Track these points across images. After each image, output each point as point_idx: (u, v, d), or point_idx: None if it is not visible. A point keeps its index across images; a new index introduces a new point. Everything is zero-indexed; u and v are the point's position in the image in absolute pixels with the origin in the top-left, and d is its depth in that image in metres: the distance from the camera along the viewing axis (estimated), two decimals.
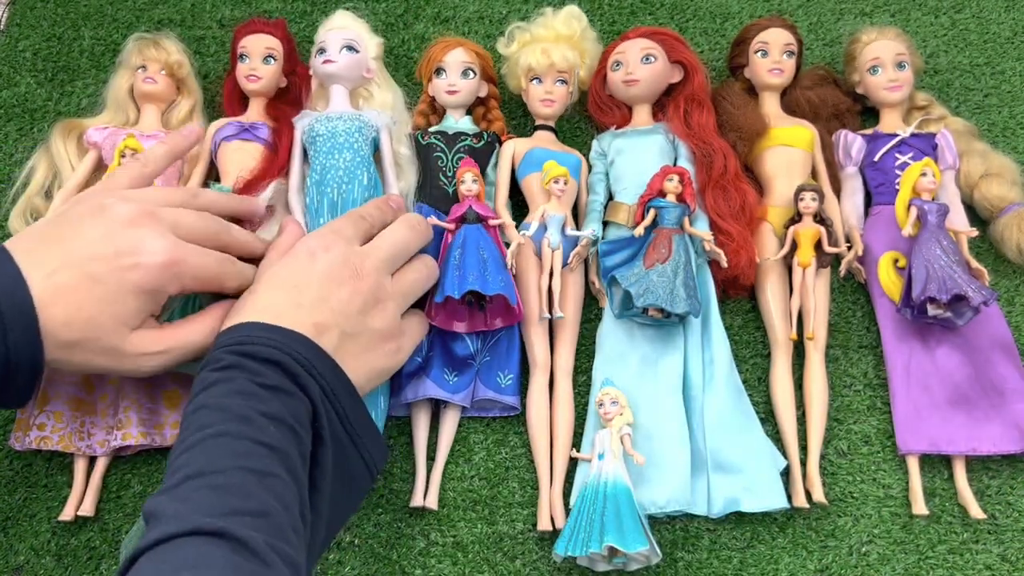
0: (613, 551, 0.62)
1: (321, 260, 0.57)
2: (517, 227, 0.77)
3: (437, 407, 0.74)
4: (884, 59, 0.83)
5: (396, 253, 0.62)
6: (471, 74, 0.82)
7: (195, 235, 0.61)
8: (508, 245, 0.74)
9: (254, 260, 0.67)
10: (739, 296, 0.79)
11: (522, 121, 0.89)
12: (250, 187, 0.76)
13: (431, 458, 0.72)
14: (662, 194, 0.73)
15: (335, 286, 0.56)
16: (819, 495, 0.69)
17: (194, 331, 0.62)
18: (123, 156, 0.74)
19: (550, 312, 0.73)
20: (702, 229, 0.75)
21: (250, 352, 0.50)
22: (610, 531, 0.61)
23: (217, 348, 0.52)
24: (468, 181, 0.74)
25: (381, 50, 0.83)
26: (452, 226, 0.73)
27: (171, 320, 0.67)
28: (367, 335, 0.57)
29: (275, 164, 0.78)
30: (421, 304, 0.70)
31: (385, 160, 0.77)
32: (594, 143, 0.83)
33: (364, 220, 0.63)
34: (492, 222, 0.74)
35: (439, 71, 0.82)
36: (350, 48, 0.79)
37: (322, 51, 0.79)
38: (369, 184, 0.74)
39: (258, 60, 0.82)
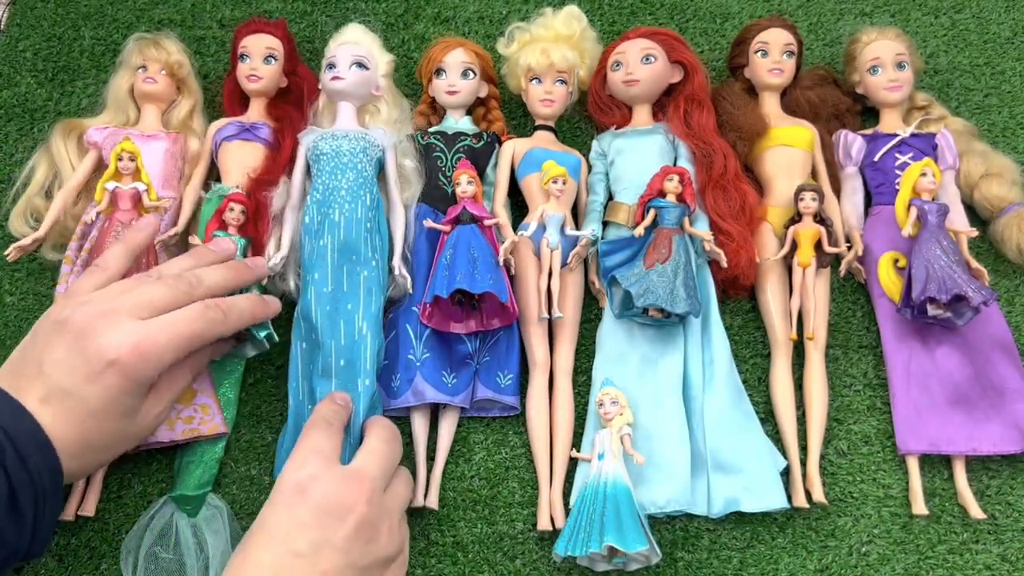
0: (613, 551, 0.62)
1: (314, 494, 0.51)
2: (516, 227, 0.77)
3: (436, 406, 0.74)
4: (884, 59, 0.83)
5: (387, 470, 0.58)
6: (471, 74, 0.82)
7: (163, 305, 0.59)
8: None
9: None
10: (739, 296, 0.79)
11: (522, 121, 0.89)
12: (255, 186, 0.76)
13: (431, 458, 0.72)
14: (662, 194, 0.73)
15: (336, 522, 0.50)
16: (819, 495, 0.69)
17: (181, 374, 0.64)
18: (119, 159, 0.74)
19: (549, 312, 0.73)
20: (702, 229, 0.75)
21: None
22: (610, 531, 0.61)
23: None
24: (463, 183, 0.75)
25: (391, 67, 0.82)
26: (448, 228, 0.74)
27: None
28: (378, 564, 0.52)
29: (278, 163, 0.78)
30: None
31: (390, 179, 0.77)
32: (594, 143, 0.83)
33: (333, 426, 0.58)
34: (487, 222, 0.74)
35: (439, 71, 0.82)
36: (360, 65, 0.78)
37: (331, 66, 0.78)
38: (372, 205, 0.74)
39: (259, 60, 0.82)
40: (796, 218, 0.77)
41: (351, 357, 0.69)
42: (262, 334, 0.69)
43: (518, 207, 0.81)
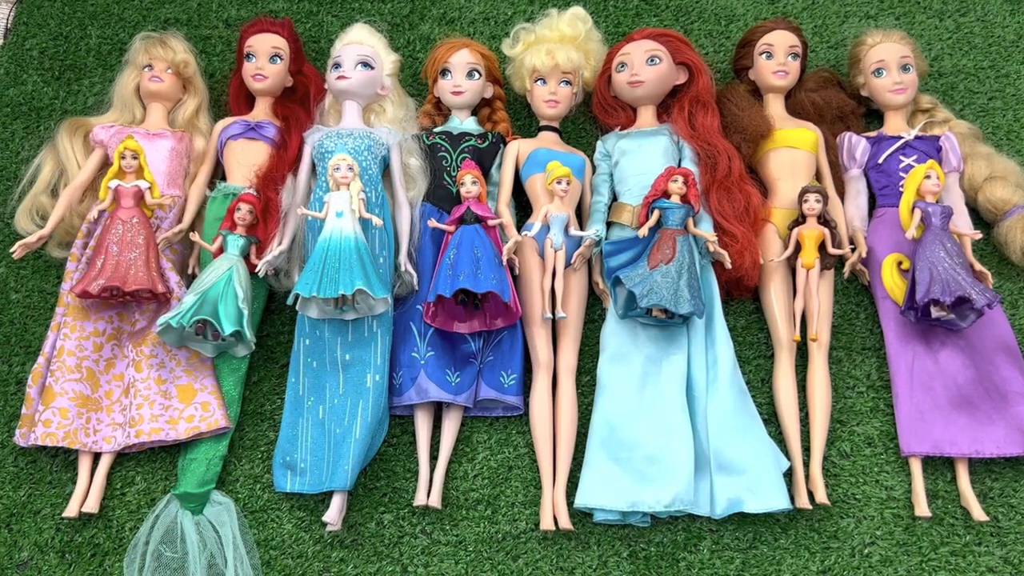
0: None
1: None
2: (520, 228, 0.77)
3: (439, 406, 0.74)
4: (889, 62, 0.83)
5: None
6: (476, 75, 0.82)
7: None
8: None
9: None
10: (743, 297, 0.79)
11: (527, 122, 0.89)
12: (263, 184, 0.77)
13: (434, 457, 0.72)
14: (666, 195, 0.74)
15: None
16: (822, 496, 0.69)
17: None
18: (122, 158, 0.74)
19: (552, 312, 0.73)
20: (706, 230, 0.75)
21: None
22: (358, 278, 0.67)
23: None
24: (468, 183, 0.75)
25: (397, 67, 0.82)
26: (452, 228, 0.74)
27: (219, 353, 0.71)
28: None
29: (284, 162, 0.78)
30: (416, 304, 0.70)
31: (395, 177, 0.78)
32: (598, 144, 0.83)
33: None
34: (491, 222, 0.74)
35: (444, 72, 0.82)
36: (365, 64, 0.78)
37: (337, 66, 0.78)
38: (376, 202, 0.74)
39: (264, 59, 0.82)
40: (800, 220, 0.76)
41: (357, 353, 0.69)
42: (228, 329, 0.69)
43: (522, 207, 0.81)
